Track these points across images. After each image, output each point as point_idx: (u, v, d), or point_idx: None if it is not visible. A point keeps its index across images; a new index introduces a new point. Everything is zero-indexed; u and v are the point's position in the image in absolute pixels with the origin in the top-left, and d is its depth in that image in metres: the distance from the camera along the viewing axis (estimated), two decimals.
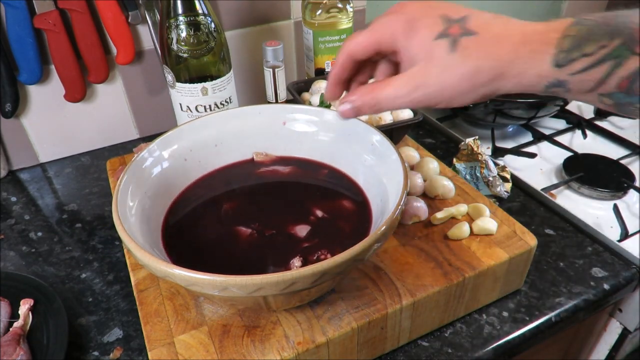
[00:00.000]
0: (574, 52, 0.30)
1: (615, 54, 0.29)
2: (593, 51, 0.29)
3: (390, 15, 0.36)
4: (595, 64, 0.29)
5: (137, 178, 0.43)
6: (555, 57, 0.30)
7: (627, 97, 0.29)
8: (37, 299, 0.50)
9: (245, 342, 0.40)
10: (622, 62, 0.28)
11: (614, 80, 0.29)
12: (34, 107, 0.72)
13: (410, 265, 0.46)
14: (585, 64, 0.29)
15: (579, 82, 0.30)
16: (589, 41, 0.29)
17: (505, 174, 0.64)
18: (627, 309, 0.61)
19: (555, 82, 0.31)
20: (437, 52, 0.33)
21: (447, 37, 0.32)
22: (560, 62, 0.30)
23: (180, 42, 0.58)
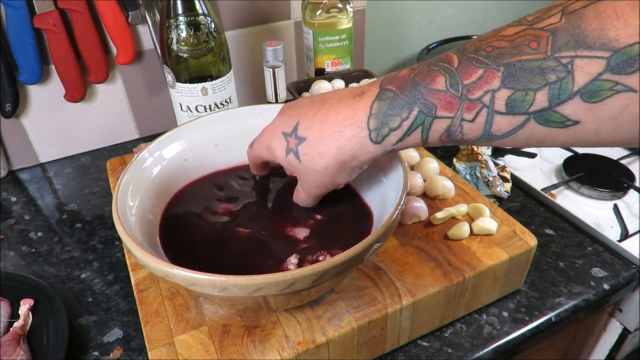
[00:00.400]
0: (383, 129, 0.33)
1: (419, 122, 0.32)
2: (397, 125, 0.32)
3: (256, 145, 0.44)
4: (407, 134, 0.33)
5: (137, 178, 0.43)
6: (370, 137, 0.34)
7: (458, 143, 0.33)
8: (37, 299, 0.50)
9: (245, 342, 0.40)
10: (429, 127, 0.31)
11: (433, 139, 0.32)
12: (34, 107, 0.72)
13: (410, 265, 0.46)
14: (399, 136, 0.33)
15: (405, 146, 0.34)
16: (390, 116, 0.33)
17: (505, 174, 0.64)
18: (627, 309, 0.61)
19: (386, 151, 0.35)
20: (293, 164, 0.39)
21: (291, 152, 0.39)
22: (377, 140, 0.34)
23: (180, 42, 0.58)
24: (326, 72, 0.77)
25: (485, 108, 0.29)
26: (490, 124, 0.29)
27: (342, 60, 0.77)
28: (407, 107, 0.32)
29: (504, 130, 0.29)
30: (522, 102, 0.27)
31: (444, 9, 1.04)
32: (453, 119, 0.30)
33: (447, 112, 0.30)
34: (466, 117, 0.30)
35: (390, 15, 0.99)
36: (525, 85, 0.27)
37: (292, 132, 0.38)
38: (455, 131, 0.31)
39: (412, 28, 1.03)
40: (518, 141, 0.30)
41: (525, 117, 0.28)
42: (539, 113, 0.27)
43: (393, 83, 0.33)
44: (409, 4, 0.99)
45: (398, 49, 1.06)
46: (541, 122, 0.28)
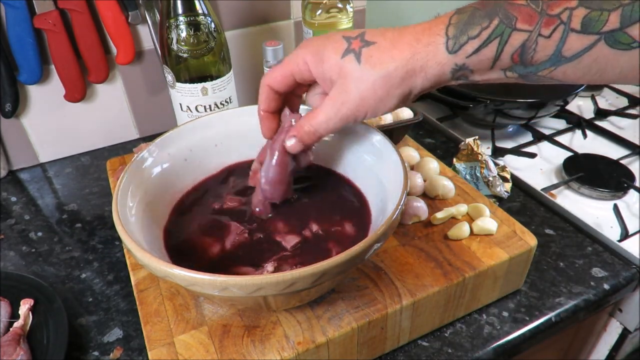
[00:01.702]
0: (461, 37, 0.33)
1: (498, 32, 0.32)
2: (477, 33, 0.32)
3: (299, 49, 0.39)
4: (484, 44, 0.32)
5: (137, 178, 0.43)
6: (446, 45, 0.34)
7: (525, 68, 0.33)
8: (37, 299, 0.50)
9: (245, 342, 0.40)
10: (506, 39, 0.32)
11: (506, 56, 0.32)
12: (34, 107, 0.72)
13: (410, 265, 0.46)
14: (475, 46, 0.33)
15: (477, 62, 0.33)
16: (471, 25, 0.33)
17: (505, 174, 0.64)
18: (627, 309, 0.61)
19: (456, 67, 0.34)
20: (347, 68, 0.36)
21: (351, 52, 0.36)
22: (453, 49, 0.33)
23: (180, 42, 0.58)
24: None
25: (562, 25, 0.30)
26: (563, 41, 0.30)
27: None
28: (487, 17, 0.32)
29: (574, 50, 0.30)
30: (596, 21, 0.29)
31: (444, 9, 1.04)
32: (531, 33, 0.31)
33: (527, 25, 0.31)
34: (543, 32, 0.30)
35: (390, 15, 0.99)
36: (600, 6, 0.29)
37: (357, 36, 0.36)
38: (530, 47, 0.31)
39: None
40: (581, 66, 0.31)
41: (597, 37, 0.29)
42: (609, 34, 0.29)
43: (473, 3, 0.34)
44: (409, 4, 0.99)
45: None
46: (610, 43, 0.29)
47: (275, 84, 0.41)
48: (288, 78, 0.40)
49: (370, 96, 0.36)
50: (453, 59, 0.34)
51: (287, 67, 0.40)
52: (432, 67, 0.35)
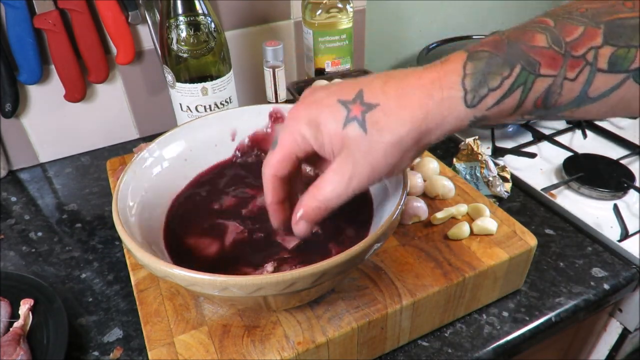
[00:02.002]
0: (480, 89, 0.30)
1: (521, 81, 0.29)
2: (499, 84, 0.30)
3: (291, 123, 0.35)
4: (506, 95, 0.30)
5: (137, 178, 0.43)
6: (464, 99, 0.30)
7: (547, 111, 0.31)
8: (37, 299, 0.50)
9: (245, 342, 0.40)
10: (530, 86, 0.29)
11: (529, 102, 0.30)
12: (34, 107, 0.72)
13: (410, 265, 0.46)
14: (497, 97, 0.30)
15: (497, 113, 0.31)
16: (490, 74, 0.30)
17: (505, 174, 0.64)
18: (627, 309, 0.61)
19: (475, 120, 0.31)
20: (352, 138, 0.32)
21: (354, 120, 0.32)
22: (472, 103, 0.30)
23: (180, 42, 0.58)
24: (326, 72, 0.77)
25: (589, 65, 0.28)
26: (590, 83, 0.29)
27: (342, 60, 0.77)
28: (508, 64, 0.29)
29: (600, 90, 0.29)
30: (624, 59, 0.28)
31: (444, 9, 1.04)
32: (555, 78, 0.29)
33: (551, 70, 0.29)
34: (569, 75, 0.29)
35: (390, 15, 0.99)
36: (627, 42, 0.28)
37: (355, 98, 0.32)
38: (555, 92, 0.29)
39: (412, 28, 1.03)
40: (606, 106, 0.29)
41: (625, 75, 0.28)
42: (638, 71, 0.28)
43: (484, 45, 0.31)
44: (409, 4, 0.99)
45: (398, 49, 1.06)
46: (638, 80, 0.28)
47: (280, 170, 0.36)
48: (291, 160, 0.35)
49: (382, 164, 0.32)
50: (472, 112, 0.31)
51: (286, 149, 0.35)
52: (450, 124, 0.31)
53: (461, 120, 0.31)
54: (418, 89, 0.31)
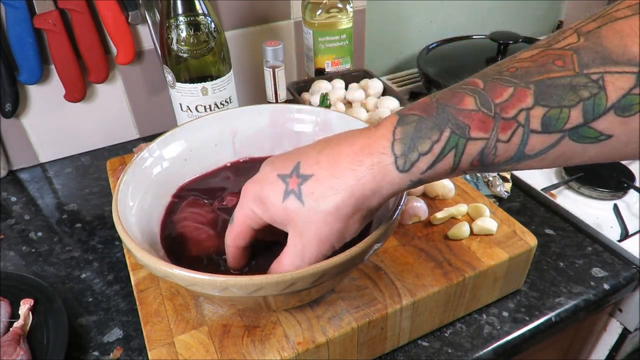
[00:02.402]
0: (411, 154, 0.30)
1: (452, 145, 0.29)
2: (428, 149, 0.29)
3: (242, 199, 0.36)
4: (438, 159, 0.29)
5: (137, 178, 0.43)
6: (395, 164, 0.30)
7: (487, 168, 0.30)
8: (37, 299, 0.50)
9: (245, 342, 0.40)
10: (462, 150, 0.29)
11: (465, 164, 0.30)
12: (34, 107, 0.72)
13: (410, 265, 0.46)
14: (429, 162, 0.30)
15: (434, 175, 0.30)
16: (419, 139, 0.29)
17: (505, 174, 0.64)
18: (627, 309, 0.61)
19: (412, 184, 0.31)
20: (292, 212, 0.33)
21: (291, 194, 0.33)
22: (404, 168, 0.30)
23: (180, 42, 0.58)
24: (326, 72, 0.77)
25: (521, 127, 0.28)
26: (525, 143, 0.28)
27: (342, 60, 0.77)
28: (437, 128, 0.29)
29: (537, 149, 0.28)
30: (557, 119, 0.27)
31: (444, 9, 1.04)
32: (488, 140, 0.28)
33: (482, 133, 0.28)
34: (501, 137, 0.28)
35: (390, 15, 0.99)
36: (559, 103, 0.27)
37: (292, 172, 0.33)
38: (489, 153, 0.29)
39: (412, 28, 1.03)
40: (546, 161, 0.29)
41: (560, 134, 0.27)
42: (573, 130, 0.27)
43: (414, 108, 0.31)
44: (409, 4, 0.99)
45: (398, 49, 1.06)
46: (575, 138, 0.27)
47: (239, 242, 0.38)
48: (247, 231, 0.37)
49: (328, 232, 0.33)
50: (407, 176, 0.30)
51: (241, 223, 0.37)
52: (386, 189, 0.31)
53: (397, 184, 0.31)
54: (348, 156, 0.31)
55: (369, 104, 0.69)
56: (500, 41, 0.90)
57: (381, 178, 0.31)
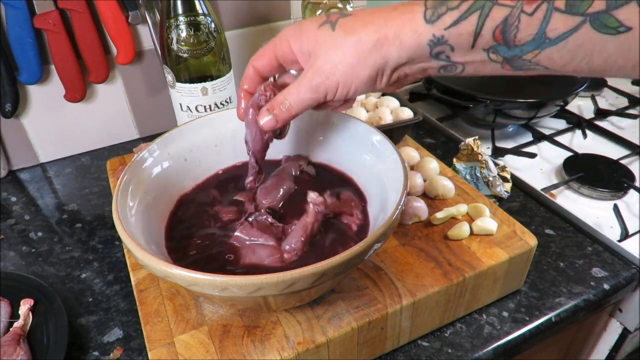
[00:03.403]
0: (440, 7, 0.32)
1: (478, 6, 0.30)
2: (456, 5, 0.31)
3: (282, 30, 0.39)
4: (463, 17, 0.31)
5: (137, 178, 0.43)
6: (424, 14, 0.32)
7: (509, 50, 0.31)
8: (37, 299, 0.50)
9: (245, 342, 0.40)
10: (487, 12, 0.30)
11: (487, 31, 0.31)
12: (34, 107, 0.72)
13: (410, 265, 0.46)
14: (454, 17, 0.31)
15: (457, 36, 0.32)
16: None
17: (505, 174, 0.64)
18: (627, 309, 0.61)
19: (434, 40, 0.32)
20: (321, 36, 0.36)
21: (328, 23, 0.36)
22: (430, 18, 0.32)
23: (180, 42, 0.58)
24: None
25: (546, 2, 0.29)
26: (547, 21, 0.29)
27: None
28: None
29: (558, 31, 0.29)
30: (581, 1, 0.28)
31: None
32: (513, 9, 0.29)
33: (509, 1, 0.29)
34: (526, 9, 0.29)
35: None
36: None
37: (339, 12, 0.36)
38: (512, 24, 0.30)
39: None
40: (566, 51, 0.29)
41: (582, 18, 0.28)
42: (595, 15, 0.28)
43: None
44: None
45: None
46: (595, 26, 0.28)
47: (259, 64, 0.41)
48: (271, 59, 0.40)
49: (341, 62, 0.35)
50: (431, 29, 0.32)
51: (270, 46, 0.40)
52: (408, 36, 0.33)
53: (419, 35, 0.33)
54: (388, 7, 0.35)
55: (369, 103, 0.69)
56: None
57: (408, 23, 0.33)
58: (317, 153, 0.51)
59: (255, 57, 0.41)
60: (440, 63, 0.34)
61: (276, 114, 0.40)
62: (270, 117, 0.40)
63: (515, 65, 0.32)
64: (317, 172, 0.50)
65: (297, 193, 0.48)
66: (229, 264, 0.41)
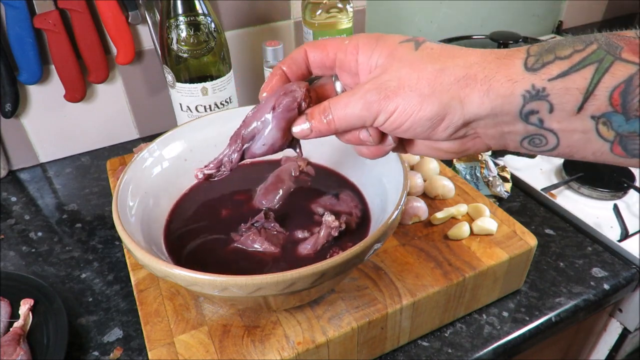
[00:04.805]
0: (546, 55, 0.26)
1: (596, 58, 0.24)
2: (568, 54, 0.25)
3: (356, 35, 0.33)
4: (575, 67, 0.25)
5: (137, 178, 0.43)
6: (525, 61, 0.26)
7: (627, 124, 0.24)
8: (37, 299, 0.50)
9: (245, 342, 0.40)
10: (606, 67, 0.24)
11: (603, 92, 0.24)
12: (34, 107, 0.72)
13: (410, 265, 0.46)
14: (563, 68, 0.25)
15: (561, 92, 0.25)
16: (561, 46, 0.26)
17: (505, 174, 0.64)
18: (627, 309, 0.61)
19: (532, 92, 0.26)
20: (399, 51, 0.30)
21: (412, 41, 0.30)
22: (533, 66, 0.26)
23: (180, 42, 0.58)
24: None
25: None
26: None
27: None
28: (583, 41, 0.25)
29: None
30: None
31: (444, 9, 1.04)
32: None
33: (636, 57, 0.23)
34: None
35: (390, 15, 0.99)
36: None
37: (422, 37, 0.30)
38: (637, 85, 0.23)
39: (412, 28, 1.03)
40: None
41: None
42: None
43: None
44: (409, 4, 0.99)
45: None
46: None
47: (313, 53, 0.33)
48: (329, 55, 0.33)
49: (410, 85, 0.28)
50: (530, 77, 0.25)
51: (334, 42, 0.33)
52: (499, 82, 0.26)
53: (514, 83, 0.26)
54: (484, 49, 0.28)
55: None
56: (500, 41, 0.90)
57: (503, 69, 0.26)
58: (316, 154, 0.51)
59: (313, 44, 0.34)
60: (527, 128, 0.27)
61: (314, 125, 0.32)
62: (307, 125, 0.33)
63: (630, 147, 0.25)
64: (316, 172, 0.50)
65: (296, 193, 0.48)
66: (229, 264, 0.41)
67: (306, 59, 0.34)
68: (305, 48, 0.34)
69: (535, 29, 1.17)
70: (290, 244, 0.43)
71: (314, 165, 0.51)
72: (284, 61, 0.35)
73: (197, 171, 0.38)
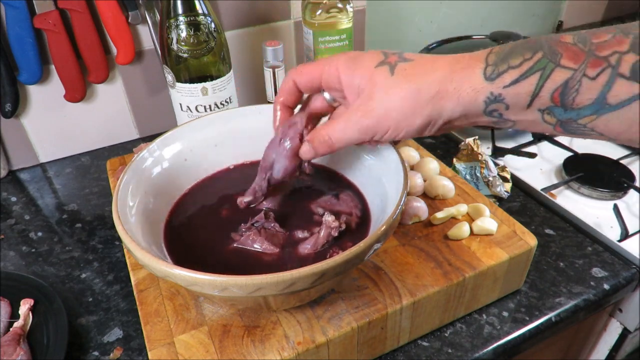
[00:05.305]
0: (501, 65, 0.32)
1: (540, 66, 0.30)
2: (518, 63, 0.31)
3: (334, 56, 0.38)
4: (524, 76, 0.31)
5: (137, 178, 0.43)
6: (485, 70, 0.32)
7: (565, 112, 0.31)
8: (37, 299, 0.50)
9: (245, 342, 0.40)
10: (548, 74, 0.30)
11: (546, 93, 0.30)
12: (34, 107, 0.72)
13: (410, 265, 0.46)
14: (514, 76, 0.31)
15: (514, 95, 0.31)
16: (513, 54, 0.31)
17: (505, 174, 0.64)
18: (627, 309, 0.61)
19: (491, 97, 0.32)
20: (378, 77, 0.35)
21: (386, 64, 0.35)
22: (490, 75, 0.32)
23: (180, 42, 0.58)
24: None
25: (610, 68, 0.28)
26: (609, 86, 0.28)
27: None
28: (531, 49, 0.31)
29: (620, 97, 0.28)
30: None
31: (444, 9, 1.04)
32: (575, 72, 0.29)
33: (572, 63, 0.29)
34: (589, 73, 0.29)
35: (390, 15, 0.99)
36: None
37: (395, 53, 0.36)
38: (573, 87, 0.29)
39: (412, 28, 1.03)
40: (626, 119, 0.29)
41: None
42: None
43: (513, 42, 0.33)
44: (409, 4, 0.99)
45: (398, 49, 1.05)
46: None
47: (300, 80, 0.40)
48: (314, 79, 0.39)
49: (396, 109, 0.35)
50: (489, 86, 0.32)
51: (317, 67, 0.39)
52: (466, 92, 0.33)
53: (477, 92, 0.32)
54: (449, 57, 0.34)
55: None
56: (500, 41, 0.89)
57: (467, 79, 0.33)
58: None
59: (297, 71, 0.40)
60: (491, 119, 0.34)
61: (316, 146, 0.40)
62: (309, 147, 0.40)
63: (568, 128, 0.31)
64: (316, 172, 0.50)
65: (296, 193, 0.48)
66: (229, 264, 0.41)
67: (296, 87, 0.41)
68: (292, 78, 0.41)
69: (535, 29, 1.17)
70: (290, 244, 0.43)
71: (314, 165, 0.51)
72: (280, 94, 0.42)
73: (238, 201, 0.46)
